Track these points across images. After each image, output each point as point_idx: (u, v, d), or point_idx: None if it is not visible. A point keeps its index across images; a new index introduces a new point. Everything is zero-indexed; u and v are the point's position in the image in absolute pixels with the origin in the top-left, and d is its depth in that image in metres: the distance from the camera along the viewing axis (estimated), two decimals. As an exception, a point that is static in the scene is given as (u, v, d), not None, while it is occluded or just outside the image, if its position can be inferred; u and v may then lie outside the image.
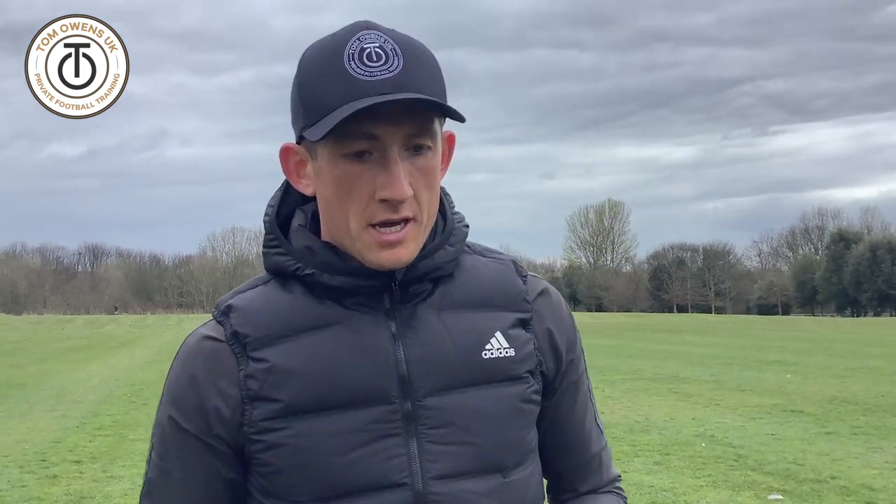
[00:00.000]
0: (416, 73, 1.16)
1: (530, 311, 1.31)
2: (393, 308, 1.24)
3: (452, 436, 1.22)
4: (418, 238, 1.21)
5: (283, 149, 1.28)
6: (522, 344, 1.29)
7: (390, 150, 1.16)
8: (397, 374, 1.21)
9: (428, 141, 1.19)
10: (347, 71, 1.14)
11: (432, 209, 1.23)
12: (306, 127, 1.19)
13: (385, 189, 1.16)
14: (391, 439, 1.20)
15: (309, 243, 1.25)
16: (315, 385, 1.19)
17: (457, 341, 1.24)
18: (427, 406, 1.21)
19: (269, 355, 1.21)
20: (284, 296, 1.25)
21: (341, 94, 1.14)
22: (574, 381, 1.37)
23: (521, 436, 1.27)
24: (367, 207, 1.18)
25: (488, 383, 1.25)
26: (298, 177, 1.27)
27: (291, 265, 1.25)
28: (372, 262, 1.20)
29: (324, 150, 1.19)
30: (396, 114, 1.14)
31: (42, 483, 8.05)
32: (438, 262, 1.26)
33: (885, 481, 7.69)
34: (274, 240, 1.28)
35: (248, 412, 1.21)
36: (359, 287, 1.22)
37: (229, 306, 1.26)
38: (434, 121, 1.20)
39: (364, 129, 1.14)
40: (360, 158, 1.17)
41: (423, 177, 1.19)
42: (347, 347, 1.21)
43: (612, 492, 1.42)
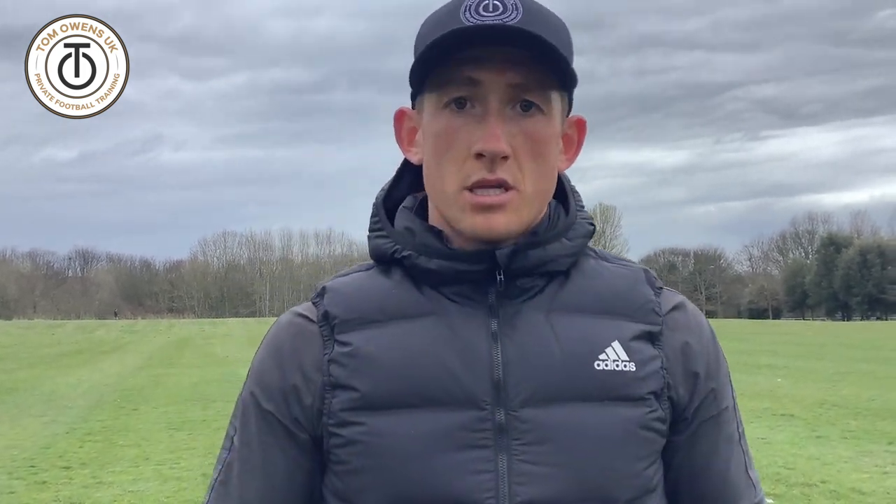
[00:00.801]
0: (534, 27, 1.03)
1: (660, 324, 1.13)
2: (498, 304, 1.10)
3: (550, 456, 1.04)
4: (520, 211, 1.07)
5: (397, 113, 1.18)
6: (647, 360, 1.10)
7: (490, 100, 1.05)
8: (491, 377, 1.06)
9: (537, 99, 1.06)
10: (460, 20, 1.04)
11: (540, 184, 1.09)
12: (412, 78, 1.10)
13: (480, 142, 1.05)
14: (478, 451, 1.04)
15: (410, 224, 1.15)
16: (397, 377, 1.07)
17: (564, 347, 1.08)
18: (522, 418, 1.05)
19: (355, 339, 1.10)
20: (382, 281, 1.15)
21: (438, 37, 1.04)
22: (714, 415, 1.17)
23: (636, 468, 1.08)
24: (464, 165, 1.06)
25: (599, 400, 1.07)
26: (409, 145, 1.18)
27: (390, 248, 1.14)
28: (465, 228, 1.08)
29: (428, 105, 1.10)
30: (503, 61, 1.03)
31: (31, 489, 7.99)
32: (552, 254, 1.11)
33: (875, 485, 7.70)
34: (377, 222, 1.18)
35: (328, 400, 1.09)
36: (458, 273, 1.10)
37: (325, 287, 1.16)
38: (550, 84, 1.07)
39: (464, 73, 1.04)
40: (460, 109, 1.06)
41: (528, 142, 1.06)
42: (438, 340, 1.08)
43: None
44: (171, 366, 24.00)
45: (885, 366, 19.93)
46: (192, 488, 7.89)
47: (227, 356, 29.24)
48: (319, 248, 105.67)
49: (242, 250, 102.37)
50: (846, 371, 18.67)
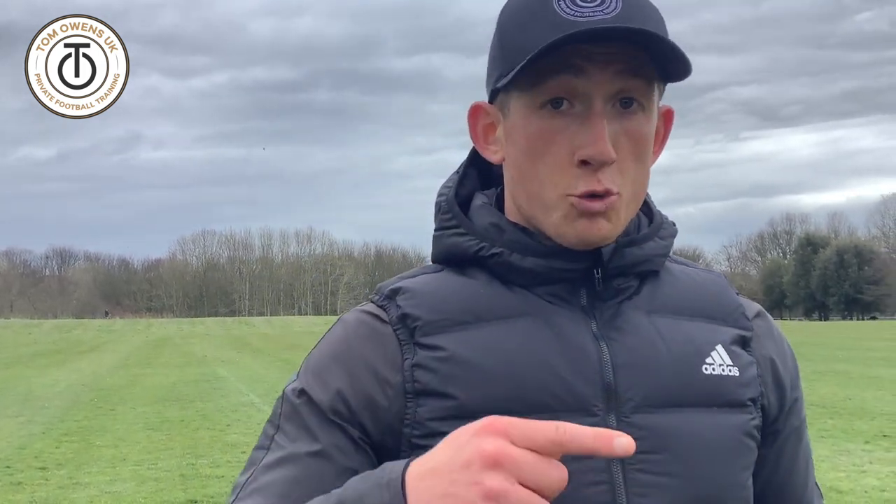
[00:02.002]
0: (636, 19, 0.95)
1: (751, 329, 1.09)
2: (591, 305, 1.03)
3: (667, 465, 0.98)
4: (621, 214, 1.01)
5: (473, 108, 1.09)
6: (746, 365, 1.06)
7: (594, 99, 0.97)
8: (602, 380, 0.99)
9: (642, 95, 0.99)
10: (555, 10, 0.95)
11: (638, 187, 1.02)
12: (502, 76, 1.00)
13: (585, 147, 0.96)
14: (590, 462, 0.94)
15: (496, 221, 1.06)
16: (499, 382, 0.97)
17: (672, 350, 1.02)
18: (636, 424, 0.98)
19: (445, 342, 0.99)
20: (464, 281, 1.05)
21: (547, 34, 0.94)
22: (797, 426, 1.14)
23: (742, 478, 1.04)
24: (566, 172, 0.98)
25: (709, 406, 1.02)
26: (486, 142, 1.09)
27: (473, 245, 1.05)
28: (568, 233, 1.00)
29: (517, 103, 1.01)
30: (606, 54, 0.95)
31: (6, 490, 7.91)
32: (648, 253, 1.06)
33: (853, 484, 7.76)
34: (451, 219, 1.08)
35: (411, 409, 0.98)
36: (554, 272, 1.02)
37: (397, 288, 1.05)
38: (652, 78, 0.99)
39: (567, 69, 0.96)
40: (557, 109, 0.98)
41: (631, 143, 0.99)
42: (542, 343, 1.00)
43: None
44: (149, 366, 23.87)
45: (862, 366, 20.11)
46: (169, 489, 7.83)
47: (205, 356, 29.10)
48: (300, 248, 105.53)
49: (222, 249, 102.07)
50: (823, 371, 18.80)
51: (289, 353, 29.48)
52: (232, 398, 15.16)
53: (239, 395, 15.58)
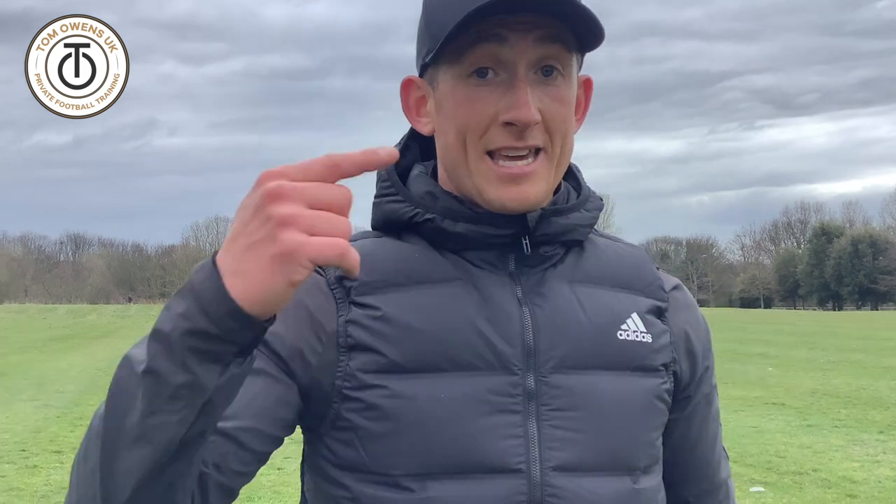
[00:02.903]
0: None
1: (667, 300, 1.17)
2: (518, 271, 1.10)
3: (579, 422, 1.05)
4: (549, 176, 1.06)
5: (405, 82, 1.14)
6: (659, 333, 1.14)
7: (517, 66, 1.02)
8: (523, 342, 1.06)
9: (562, 62, 1.04)
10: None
11: (566, 146, 1.08)
12: (430, 51, 1.05)
13: (510, 110, 1.02)
14: (508, 416, 1.03)
15: (430, 188, 1.12)
16: (427, 341, 1.03)
17: (590, 316, 1.09)
18: (552, 384, 1.05)
19: (378, 302, 1.05)
20: (400, 246, 1.11)
21: (465, 7, 0.98)
22: (707, 393, 1.22)
23: (652, 437, 1.11)
24: (487, 132, 1.04)
25: (622, 369, 1.09)
26: (418, 115, 1.14)
27: (408, 212, 1.11)
28: (492, 199, 1.05)
29: (445, 76, 1.06)
30: (526, 24, 1.01)
31: (22, 473, 7.98)
32: (574, 223, 1.12)
33: (866, 474, 7.73)
34: (390, 187, 1.13)
35: (343, 362, 1.04)
36: (484, 237, 1.08)
37: None
38: (570, 47, 1.05)
39: (489, 39, 1.02)
40: (483, 78, 1.03)
41: (555, 104, 1.04)
42: (469, 305, 1.06)
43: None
44: (163, 351, 23.95)
45: (876, 355, 20.01)
46: (183, 473, 7.88)
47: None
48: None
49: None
50: (837, 360, 18.74)
51: (301, 340, 29.57)
52: (245, 384, 15.21)
53: (252, 381, 15.63)
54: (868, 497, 6.95)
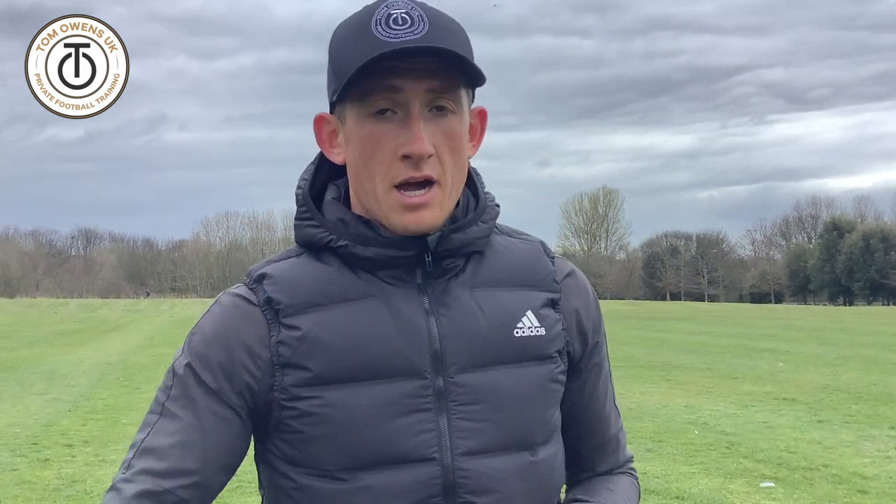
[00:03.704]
0: (441, 37, 1.16)
1: (559, 291, 1.32)
2: (425, 283, 1.24)
3: (482, 413, 1.22)
4: (443, 204, 1.22)
5: (317, 118, 1.29)
6: (552, 324, 1.29)
7: (412, 106, 1.17)
8: (430, 349, 1.21)
9: (450, 103, 1.20)
10: (373, 34, 1.16)
11: (457, 175, 1.23)
12: (335, 92, 1.20)
13: (406, 145, 1.17)
14: (421, 414, 1.20)
15: (342, 215, 1.26)
16: (347, 356, 1.19)
17: (489, 319, 1.25)
18: (458, 383, 1.22)
19: (302, 323, 1.21)
20: (319, 267, 1.25)
21: (366, 54, 1.14)
22: (597, 362, 1.38)
23: (547, 415, 1.28)
24: (392, 167, 1.19)
25: (519, 362, 1.25)
26: (330, 146, 1.29)
27: (324, 237, 1.25)
28: (396, 225, 1.21)
29: (351, 113, 1.21)
30: (418, 70, 1.16)
31: (34, 467, 8.02)
32: (471, 237, 1.26)
33: (877, 469, 7.70)
34: (306, 212, 1.28)
35: (278, 378, 1.21)
36: (391, 259, 1.23)
37: (263, 274, 1.25)
38: (459, 86, 1.21)
39: (386, 84, 1.16)
40: (383, 116, 1.18)
41: (445, 139, 1.20)
42: (381, 320, 1.21)
43: (627, 473, 1.45)
44: (174, 345, 24.00)
45: (887, 351, 19.94)
46: (194, 467, 7.90)
47: (229, 336, 29.27)
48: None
49: (245, 230, 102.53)
50: (848, 356, 18.68)
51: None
52: (255, 378, 15.23)
53: (262, 376, 15.65)
54: (879, 493, 6.92)
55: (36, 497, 6.93)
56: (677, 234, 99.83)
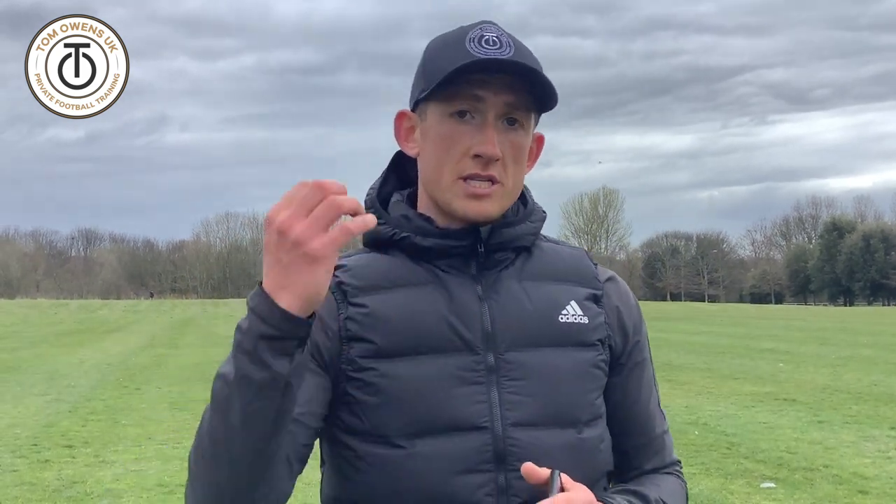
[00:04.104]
0: (525, 60, 1.32)
1: (601, 289, 1.46)
2: (479, 274, 1.39)
3: (529, 388, 1.35)
4: (503, 201, 1.37)
5: (398, 114, 1.44)
6: (594, 315, 1.43)
7: (489, 114, 1.33)
8: (482, 328, 1.35)
9: (521, 119, 1.35)
10: (466, 48, 1.32)
11: (517, 181, 1.38)
12: (423, 91, 1.35)
13: (479, 146, 1.32)
14: (475, 387, 1.33)
15: (405, 212, 1.42)
16: (408, 331, 1.33)
17: (536, 305, 1.39)
18: (508, 359, 1.35)
19: (367, 301, 1.35)
20: (385, 259, 1.41)
21: (458, 62, 1.30)
22: (640, 361, 1.49)
23: (590, 398, 1.39)
24: (461, 161, 1.34)
25: (563, 345, 1.38)
26: (406, 140, 1.44)
27: (388, 232, 1.41)
28: (458, 210, 1.36)
29: (433, 111, 1.36)
30: (500, 84, 1.32)
31: (34, 468, 8.02)
32: (519, 232, 1.42)
33: (878, 470, 7.70)
34: (374, 212, 1.42)
35: (345, 350, 1.34)
36: (448, 248, 1.38)
37: (337, 265, 1.37)
38: (531, 106, 1.36)
39: (471, 91, 1.31)
40: (462, 118, 1.34)
41: (512, 149, 1.35)
42: (439, 302, 1.36)
43: (674, 474, 1.52)
44: (174, 346, 24.08)
45: (888, 351, 19.94)
46: (194, 468, 7.90)
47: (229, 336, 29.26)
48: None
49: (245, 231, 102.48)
50: (848, 356, 18.68)
51: (311, 335, 29.56)
52: (255, 379, 15.22)
53: (262, 376, 15.63)
54: (879, 493, 6.92)
55: (36, 498, 6.93)
56: (677, 234, 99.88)
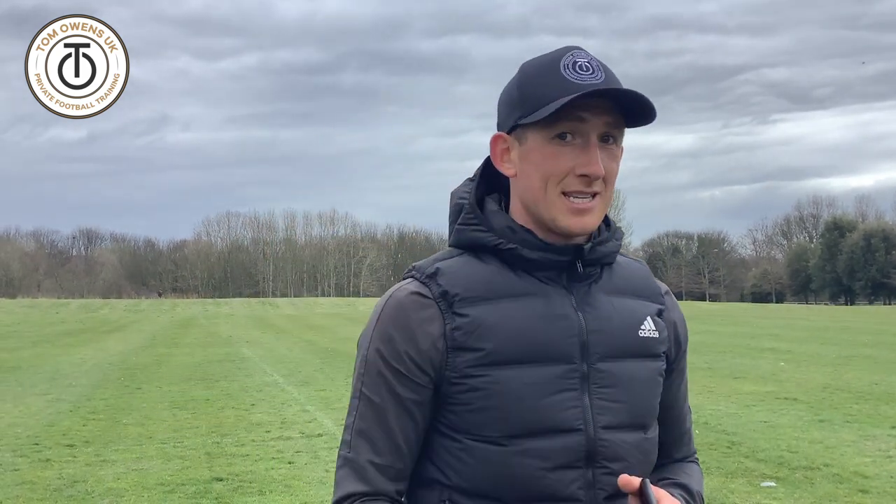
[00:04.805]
0: (614, 84, 1.44)
1: (664, 304, 1.62)
2: (570, 285, 1.50)
3: (616, 395, 1.48)
4: (601, 212, 1.48)
5: (494, 137, 1.54)
6: (661, 329, 1.58)
7: (592, 135, 1.43)
8: (580, 340, 1.47)
9: (618, 135, 1.47)
10: (563, 75, 1.43)
11: (611, 193, 1.49)
12: (523, 116, 1.45)
13: (586, 166, 1.43)
14: (570, 393, 1.45)
15: (510, 224, 1.50)
16: (513, 340, 1.43)
17: (622, 319, 1.53)
18: (599, 369, 1.48)
19: (473, 312, 1.45)
20: (484, 266, 1.50)
21: (558, 90, 1.41)
22: (683, 367, 1.68)
23: (655, 403, 1.56)
24: (565, 179, 1.44)
25: (641, 357, 1.53)
26: (502, 161, 1.53)
27: (492, 240, 1.49)
28: (562, 225, 1.46)
29: (535, 135, 1.45)
30: (599, 107, 1.42)
31: (35, 467, 8.03)
32: (609, 250, 1.54)
33: (878, 469, 7.70)
34: (474, 219, 1.52)
35: (451, 359, 1.44)
36: (551, 262, 1.48)
37: (437, 269, 1.49)
38: (624, 124, 1.46)
39: (575, 114, 1.41)
40: (563, 140, 1.43)
41: (610, 163, 1.46)
42: (540, 313, 1.46)
43: (695, 461, 1.75)
44: (175, 345, 24.08)
45: (889, 350, 19.93)
46: (195, 467, 7.91)
47: (230, 336, 29.30)
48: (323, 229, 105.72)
49: (246, 231, 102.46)
50: (849, 355, 18.67)
51: (312, 334, 29.62)
52: (256, 378, 15.30)
53: (263, 375, 15.72)
54: (880, 492, 6.92)
55: (37, 497, 6.93)
56: (679, 233, 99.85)
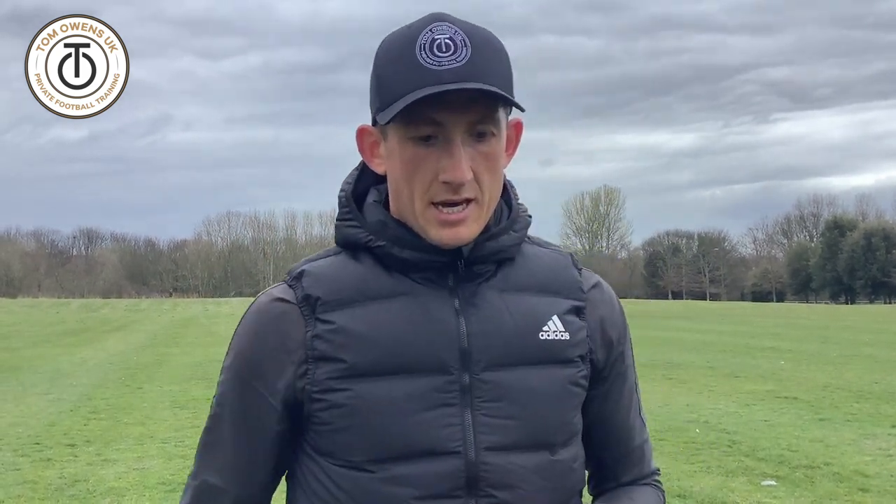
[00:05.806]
0: (482, 64, 1.22)
1: (585, 300, 1.38)
2: (456, 286, 1.31)
3: (505, 410, 1.28)
4: (479, 219, 1.28)
5: (359, 130, 1.36)
6: (576, 330, 1.35)
7: (454, 136, 1.24)
8: (459, 346, 1.28)
9: (491, 128, 1.26)
10: (417, 60, 1.22)
11: (493, 192, 1.30)
12: (379, 110, 1.27)
13: (447, 172, 1.23)
14: (447, 409, 1.26)
15: (382, 218, 1.33)
16: (379, 349, 1.26)
17: (516, 321, 1.31)
18: (484, 380, 1.28)
19: (337, 318, 1.28)
20: (355, 266, 1.33)
21: (410, 82, 1.21)
22: (621, 371, 1.43)
23: (568, 417, 1.33)
24: (430, 187, 1.25)
25: (542, 363, 1.31)
26: (372, 156, 1.36)
27: (364, 237, 1.32)
28: (433, 238, 1.27)
29: (394, 133, 1.27)
30: (460, 102, 1.21)
31: (36, 466, 8.04)
32: (503, 245, 1.33)
33: (878, 468, 7.71)
34: (348, 213, 1.36)
35: (311, 371, 1.28)
36: (426, 262, 1.30)
37: (302, 272, 1.33)
38: (498, 110, 1.26)
39: (429, 116, 1.22)
40: (426, 142, 1.24)
41: (484, 161, 1.26)
42: (413, 318, 1.28)
43: (651, 484, 1.48)
44: (176, 345, 24.09)
45: (889, 349, 19.93)
46: (196, 466, 7.92)
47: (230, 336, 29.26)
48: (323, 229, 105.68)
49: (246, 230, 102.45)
50: (850, 354, 18.68)
51: (313, 334, 29.55)
52: (257, 378, 15.24)
53: (264, 375, 15.66)
54: (880, 491, 6.93)
55: (38, 496, 6.94)
56: (679, 232, 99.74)
